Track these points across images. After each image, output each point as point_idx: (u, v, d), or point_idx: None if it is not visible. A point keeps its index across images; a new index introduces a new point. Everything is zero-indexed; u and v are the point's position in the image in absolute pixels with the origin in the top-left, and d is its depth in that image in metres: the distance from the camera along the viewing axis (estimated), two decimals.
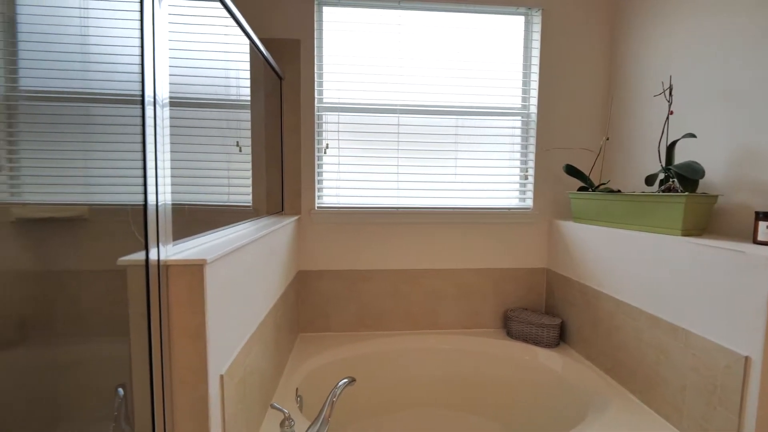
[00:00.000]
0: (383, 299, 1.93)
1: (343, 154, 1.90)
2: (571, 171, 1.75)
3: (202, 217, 1.06)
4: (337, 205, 1.91)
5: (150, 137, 0.72)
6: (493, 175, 1.96)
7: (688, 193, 1.23)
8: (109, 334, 0.76)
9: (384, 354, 1.83)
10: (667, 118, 1.39)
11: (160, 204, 0.75)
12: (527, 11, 1.89)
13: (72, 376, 0.75)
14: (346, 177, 1.91)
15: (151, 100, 0.71)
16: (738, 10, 1.28)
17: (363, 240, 1.91)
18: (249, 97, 1.44)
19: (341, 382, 1.22)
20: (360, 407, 1.75)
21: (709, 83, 1.37)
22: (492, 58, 1.91)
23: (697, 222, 1.24)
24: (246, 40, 1.35)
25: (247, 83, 1.42)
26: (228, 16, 1.16)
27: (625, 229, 1.44)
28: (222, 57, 1.22)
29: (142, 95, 0.69)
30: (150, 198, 0.72)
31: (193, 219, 0.99)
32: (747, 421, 0.99)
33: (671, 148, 1.36)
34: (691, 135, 1.30)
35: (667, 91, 1.41)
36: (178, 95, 0.92)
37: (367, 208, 1.90)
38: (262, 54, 1.50)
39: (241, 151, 1.40)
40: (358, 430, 1.70)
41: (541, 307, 2.02)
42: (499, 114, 1.94)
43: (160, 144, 0.75)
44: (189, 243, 0.88)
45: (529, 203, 1.98)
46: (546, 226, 1.98)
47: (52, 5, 0.70)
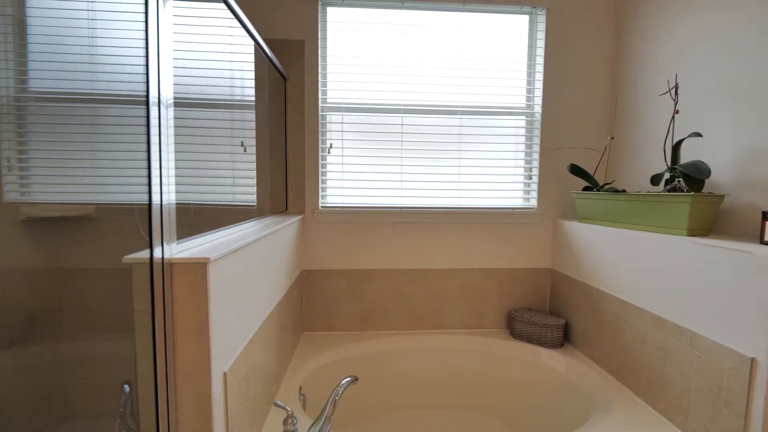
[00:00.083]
0: (387, 299, 1.94)
1: (347, 153, 1.91)
2: (576, 170, 1.74)
3: (206, 217, 1.07)
4: (340, 204, 1.92)
5: (155, 137, 0.73)
6: (497, 174, 1.96)
7: (693, 192, 1.22)
8: (116, 331, 0.77)
9: (387, 354, 1.83)
10: (673, 117, 1.38)
11: (164, 203, 0.76)
12: (531, 10, 1.89)
13: (79, 372, 0.77)
14: (350, 177, 1.91)
15: (156, 100, 0.72)
16: (744, 7, 1.26)
17: (366, 240, 1.91)
18: (253, 98, 1.45)
19: (344, 381, 1.22)
20: (363, 407, 1.76)
21: (716, 82, 1.35)
22: (496, 57, 1.91)
23: (703, 222, 1.23)
24: (250, 41, 1.36)
25: (252, 83, 1.43)
26: (232, 17, 1.17)
27: (630, 229, 1.43)
28: (226, 58, 1.23)
29: (147, 96, 0.70)
30: (154, 197, 0.73)
31: (198, 218, 1.00)
32: (753, 423, 0.98)
33: (677, 148, 1.35)
34: (697, 134, 1.28)
35: (672, 90, 1.40)
36: (184, 96, 0.93)
37: (370, 207, 1.90)
38: (267, 54, 1.51)
39: (245, 151, 1.41)
40: (361, 429, 1.71)
41: (545, 308, 2.01)
42: (503, 113, 1.94)
43: (164, 144, 0.76)
44: (193, 242, 0.89)
45: (533, 203, 1.97)
46: (550, 226, 1.98)
47: (60, 8, 0.71)
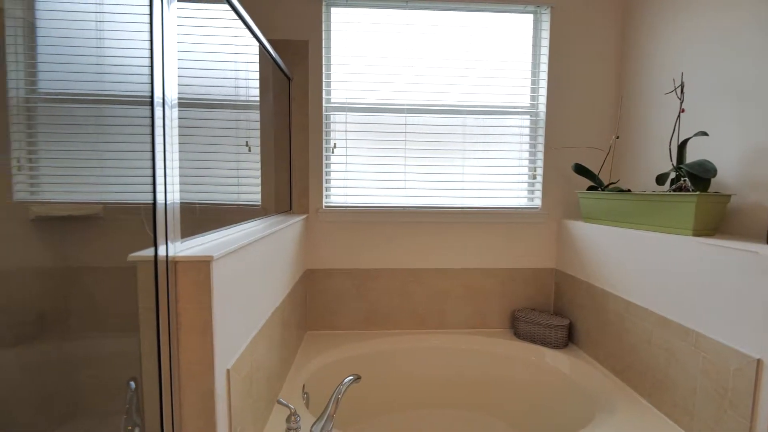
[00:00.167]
0: (390, 298, 1.94)
1: (351, 153, 1.91)
2: (580, 170, 1.73)
3: (211, 216, 1.08)
4: (344, 204, 1.93)
5: (159, 137, 0.74)
6: (501, 174, 1.95)
7: (699, 192, 1.21)
8: (122, 329, 0.78)
9: (391, 353, 1.83)
10: (679, 116, 1.37)
11: (168, 202, 0.77)
12: (536, 9, 1.88)
13: (87, 370, 0.78)
14: (354, 176, 1.92)
15: (160, 101, 0.73)
16: (750, 6, 1.25)
17: (370, 239, 1.92)
18: (258, 98, 1.46)
19: (346, 380, 1.23)
20: (367, 406, 1.76)
21: (722, 80, 1.34)
22: (500, 56, 1.90)
23: (709, 222, 1.22)
24: (255, 42, 1.37)
25: (256, 84, 1.44)
26: (236, 18, 1.18)
27: (635, 229, 1.42)
28: (231, 58, 1.25)
29: (152, 96, 0.71)
30: (159, 197, 0.74)
31: (203, 217, 1.01)
32: (759, 425, 0.97)
33: (682, 147, 1.33)
34: (703, 133, 1.27)
35: (678, 89, 1.38)
36: (189, 96, 0.95)
37: (374, 207, 1.91)
38: (271, 55, 1.52)
39: (250, 150, 1.42)
40: (364, 428, 1.71)
41: (549, 308, 2.00)
42: (507, 113, 1.93)
43: (168, 144, 0.77)
44: (197, 240, 0.90)
45: (537, 203, 1.96)
46: (555, 226, 1.97)
47: (68, 10, 0.72)
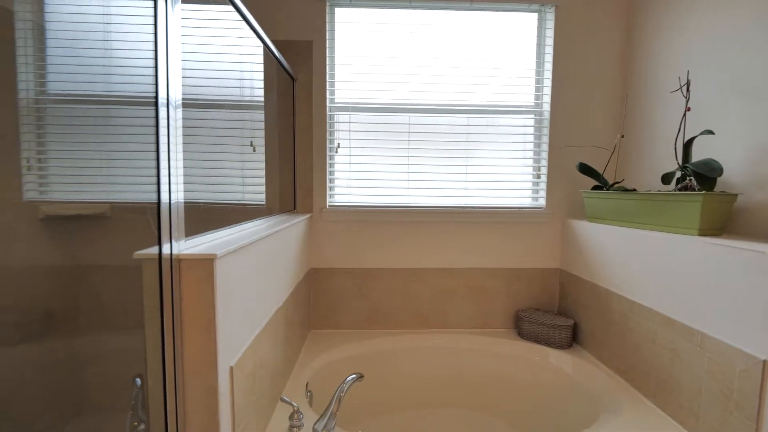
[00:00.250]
0: (393, 298, 1.94)
1: (354, 153, 1.92)
2: (585, 169, 1.72)
3: (216, 215, 1.09)
4: (348, 203, 1.94)
5: (163, 137, 0.75)
6: (505, 174, 1.95)
7: (705, 191, 1.19)
8: (129, 326, 0.80)
9: (394, 352, 1.84)
10: (684, 115, 1.35)
11: (173, 202, 0.78)
12: (540, 8, 1.87)
13: (94, 366, 0.79)
14: (357, 176, 1.93)
15: (165, 101, 0.74)
16: (756, 3, 1.23)
17: (374, 238, 1.92)
18: (262, 98, 1.47)
19: (349, 378, 1.24)
20: (369, 405, 1.77)
21: (728, 78, 1.32)
22: (504, 55, 1.90)
23: (715, 221, 1.21)
24: (259, 42, 1.38)
25: (261, 84, 1.46)
26: (241, 19, 1.19)
27: (640, 228, 1.41)
28: (236, 59, 1.26)
29: (156, 97, 0.72)
30: (163, 196, 0.75)
31: (207, 216, 1.03)
32: (765, 427, 0.96)
33: (688, 146, 1.32)
34: (709, 132, 1.26)
35: (684, 87, 1.37)
36: (194, 97, 0.96)
37: (378, 207, 1.91)
38: (275, 56, 1.54)
39: (254, 150, 1.44)
40: (366, 427, 1.72)
41: (554, 308, 1.99)
42: (511, 112, 1.93)
43: (173, 144, 0.78)
44: (201, 239, 0.92)
45: (541, 202, 1.96)
46: (559, 226, 1.96)
47: (77, 12, 0.74)
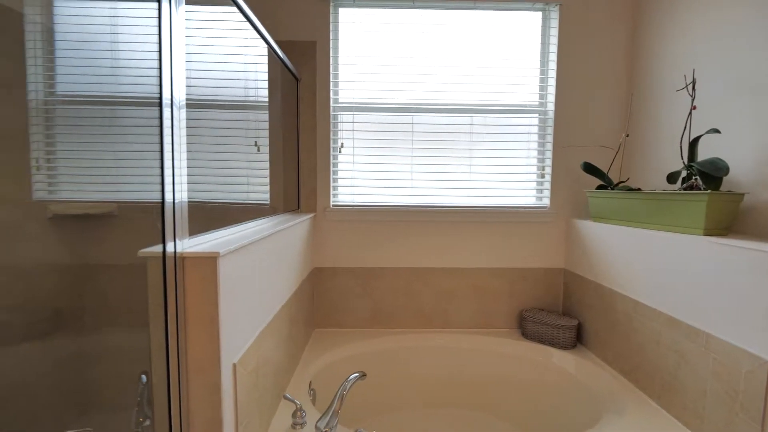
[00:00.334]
0: (396, 297, 1.95)
1: (358, 153, 1.93)
2: (590, 169, 1.71)
3: (220, 214, 1.11)
4: (351, 203, 1.94)
5: (167, 137, 0.76)
6: (509, 173, 1.94)
7: (710, 191, 1.18)
8: (136, 323, 0.81)
9: (397, 352, 1.84)
10: (690, 114, 1.34)
11: (177, 201, 0.79)
12: (544, 7, 1.86)
13: (101, 363, 0.81)
14: (361, 176, 1.93)
15: (169, 102, 0.76)
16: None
17: (377, 238, 1.93)
18: (267, 99, 1.49)
19: (352, 376, 1.24)
20: (372, 404, 1.77)
21: (734, 76, 1.31)
22: (508, 55, 1.89)
23: (721, 221, 1.19)
24: (263, 43, 1.39)
25: (265, 85, 1.47)
26: (245, 20, 1.20)
27: (644, 228, 1.40)
28: (241, 60, 1.27)
29: (160, 98, 0.74)
30: (167, 195, 0.77)
31: (212, 215, 1.04)
32: None
33: (694, 145, 1.31)
34: (715, 130, 1.24)
35: (690, 86, 1.36)
36: (200, 98, 0.97)
37: (381, 206, 1.92)
38: (279, 56, 1.55)
39: (259, 150, 1.45)
40: (369, 426, 1.72)
41: (558, 308, 1.98)
42: (515, 111, 1.92)
43: (177, 144, 0.79)
44: (205, 237, 0.93)
45: (546, 202, 1.95)
46: (563, 226, 1.95)
47: (85, 14, 0.75)
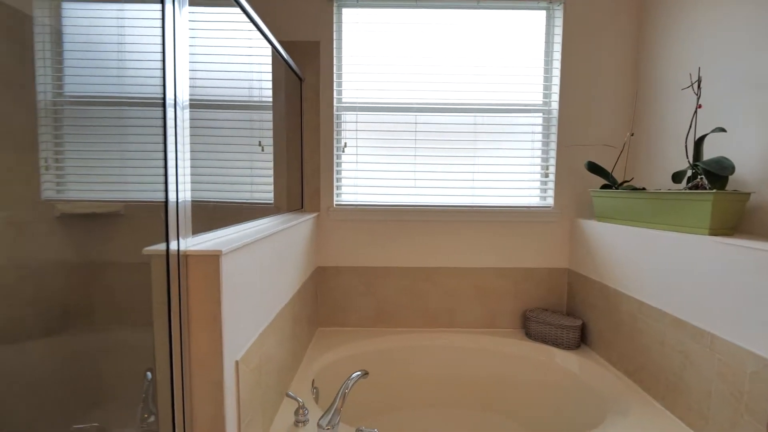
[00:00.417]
0: (399, 297, 1.95)
1: (362, 152, 1.93)
2: (594, 168, 1.69)
3: (225, 213, 1.12)
4: (355, 202, 1.95)
5: (171, 138, 0.77)
6: (513, 173, 1.93)
7: (716, 190, 1.17)
8: (141, 320, 0.82)
9: (400, 351, 1.84)
10: (695, 112, 1.33)
11: (180, 200, 0.80)
12: (548, 5, 1.85)
13: (107, 360, 0.82)
14: (364, 175, 1.94)
15: (172, 102, 0.77)
16: None
17: (380, 237, 1.93)
18: (271, 99, 1.50)
19: (354, 375, 1.25)
20: (375, 403, 1.78)
21: (741, 74, 1.29)
22: (512, 54, 1.88)
23: (727, 221, 1.18)
24: (267, 44, 1.40)
25: (269, 85, 1.48)
26: (248, 21, 1.22)
27: (649, 228, 1.39)
28: (245, 61, 1.29)
29: (164, 98, 0.75)
30: (171, 195, 0.78)
31: (217, 214, 1.05)
32: None
33: (699, 144, 1.29)
34: (721, 129, 1.23)
35: (695, 84, 1.34)
36: (205, 98, 0.98)
37: (384, 206, 1.92)
38: (283, 57, 1.56)
39: (263, 150, 1.46)
40: (372, 425, 1.73)
41: (562, 308, 1.97)
42: (519, 111, 1.91)
43: (180, 144, 0.80)
44: (209, 236, 0.94)
45: (550, 201, 1.94)
46: (567, 225, 1.93)
47: (92, 17, 0.77)
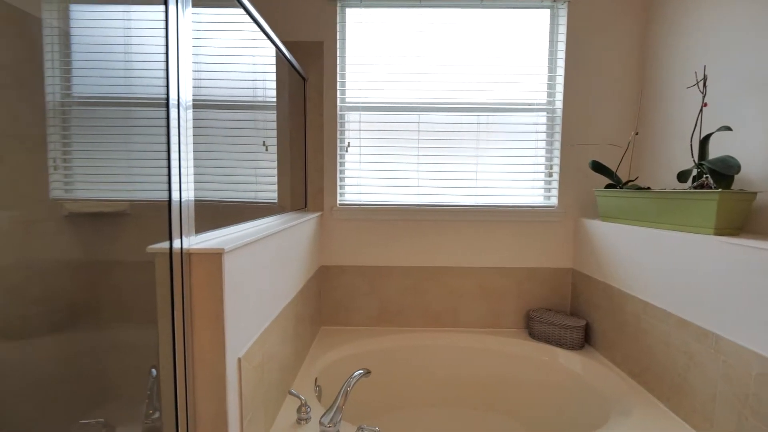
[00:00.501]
0: (403, 296, 1.95)
1: (365, 152, 1.94)
2: (598, 168, 1.68)
3: (229, 212, 1.13)
4: (358, 202, 1.96)
5: (174, 137, 0.78)
6: (517, 172, 1.93)
7: (721, 189, 1.16)
8: (146, 318, 0.83)
9: (403, 350, 1.85)
10: (701, 111, 1.32)
11: (183, 199, 0.82)
12: (552, 4, 1.84)
13: (113, 357, 0.84)
14: (368, 175, 1.95)
15: (175, 102, 0.78)
16: None
17: (384, 237, 1.93)
18: (274, 99, 1.51)
19: (356, 373, 1.25)
20: (377, 402, 1.78)
21: (747, 73, 1.28)
22: (516, 53, 1.88)
23: (732, 220, 1.17)
24: (271, 45, 1.41)
25: (273, 85, 1.49)
26: (251, 21, 1.22)
27: (654, 228, 1.38)
28: (249, 62, 1.30)
29: (167, 98, 0.76)
30: (174, 194, 0.79)
31: (221, 213, 1.06)
32: None
33: (705, 143, 1.28)
34: (727, 128, 1.22)
35: (701, 82, 1.33)
36: (209, 99, 0.99)
37: (388, 205, 1.92)
38: (286, 57, 1.57)
39: (267, 150, 1.47)
40: (374, 424, 1.73)
41: (566, 308, 1.96)
42: (523, 110, 1.91)
43: (183, 144, 0.81)
44: (212, 234, 0.95)
45: (554, 201, 1.93)
46: (572, 225, 1.92)
47: (100, 18, 0.78)
